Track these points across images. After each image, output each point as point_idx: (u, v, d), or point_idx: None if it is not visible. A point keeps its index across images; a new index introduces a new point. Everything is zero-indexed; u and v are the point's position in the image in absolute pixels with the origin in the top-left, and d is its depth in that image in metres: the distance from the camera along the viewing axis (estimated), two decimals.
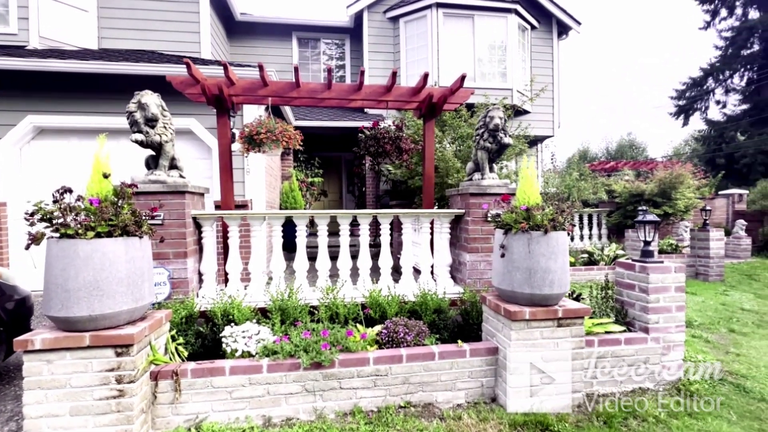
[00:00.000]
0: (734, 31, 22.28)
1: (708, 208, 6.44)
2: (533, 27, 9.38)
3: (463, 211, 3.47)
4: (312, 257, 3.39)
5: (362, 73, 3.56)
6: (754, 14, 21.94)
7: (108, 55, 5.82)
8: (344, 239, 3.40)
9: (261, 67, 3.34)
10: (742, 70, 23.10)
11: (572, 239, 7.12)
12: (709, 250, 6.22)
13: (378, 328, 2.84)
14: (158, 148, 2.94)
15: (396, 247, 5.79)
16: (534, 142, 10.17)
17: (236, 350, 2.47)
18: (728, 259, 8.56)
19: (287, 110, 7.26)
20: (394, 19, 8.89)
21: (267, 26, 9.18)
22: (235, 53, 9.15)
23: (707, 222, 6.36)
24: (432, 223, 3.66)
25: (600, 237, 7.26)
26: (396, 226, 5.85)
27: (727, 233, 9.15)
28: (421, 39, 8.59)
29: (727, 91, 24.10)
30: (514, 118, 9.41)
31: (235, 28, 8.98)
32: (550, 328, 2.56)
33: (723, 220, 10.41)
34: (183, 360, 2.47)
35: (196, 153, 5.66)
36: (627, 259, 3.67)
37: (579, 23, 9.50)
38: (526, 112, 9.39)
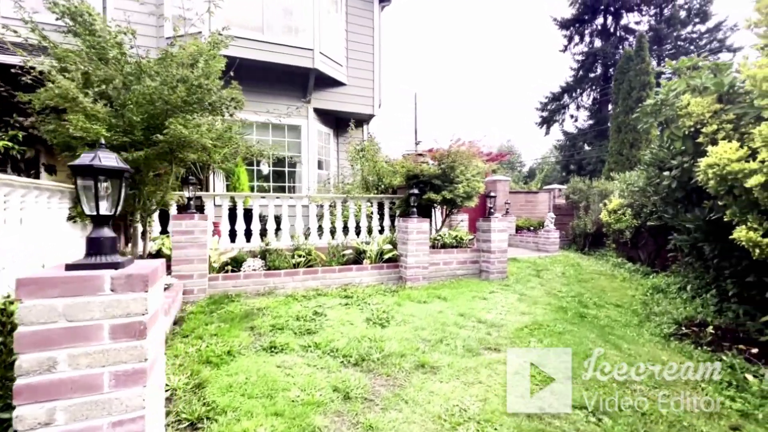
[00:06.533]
0: (584, 55, 25.34)
1: (493, 194, 5.54)
2: None
3: None
4: None
5: None
6: (598, 43, 25.26)
7: None
8: None
9: None
10: (589, 90, 26.43)
11: (356, 232, 5.64)
12: (491, 243, 5.26)
13: None
14: None
15: None
16: (359, 122, 8.79)
17: None
18: (539, 252, 8.23)
19: None
20: None
21: None
22: None
23: (492, 210, 5.45)
24: None
25: (392, 230, 5.99)
26: None
27: (542, 226, 8.97)
28: None
29: (578, 107, 27.40)
30: (325, 90, 7.84)
31: None
32: None
33: (545, 214, 10.46)
34: None
35: None
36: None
37: None
38: (340, 84, 7.89)
